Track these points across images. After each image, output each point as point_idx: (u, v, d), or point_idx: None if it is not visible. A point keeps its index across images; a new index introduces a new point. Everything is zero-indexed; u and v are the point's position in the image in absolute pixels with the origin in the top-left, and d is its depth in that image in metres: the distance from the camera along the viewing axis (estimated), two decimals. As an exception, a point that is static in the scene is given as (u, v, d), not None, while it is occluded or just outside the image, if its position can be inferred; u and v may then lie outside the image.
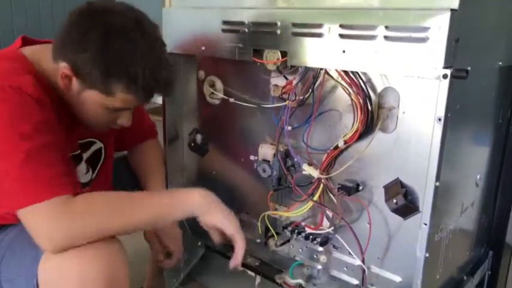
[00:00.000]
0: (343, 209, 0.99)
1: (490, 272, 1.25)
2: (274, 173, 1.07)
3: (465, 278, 1.13)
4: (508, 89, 1.09)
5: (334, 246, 1.05)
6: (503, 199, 1.18)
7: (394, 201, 0.90)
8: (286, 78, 1.00)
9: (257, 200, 1.18)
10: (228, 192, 1.24)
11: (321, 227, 1.04)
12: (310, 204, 1.01)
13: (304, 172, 1.00)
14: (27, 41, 0.97)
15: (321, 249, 1.08)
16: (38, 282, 0.83)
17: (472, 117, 0.95)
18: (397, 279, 0.96)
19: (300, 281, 1.09)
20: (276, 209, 1.12)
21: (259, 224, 1.16)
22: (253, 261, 1.22)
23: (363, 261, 0.97)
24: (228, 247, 1.04)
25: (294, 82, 0.98)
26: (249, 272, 1.20)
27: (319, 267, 1.09)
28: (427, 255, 0.87)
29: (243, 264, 1.18)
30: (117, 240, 0.86)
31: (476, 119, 0.99)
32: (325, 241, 1.05)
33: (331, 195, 1.00)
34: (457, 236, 1.03)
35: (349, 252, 1.01)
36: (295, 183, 1.03)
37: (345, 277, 1.05)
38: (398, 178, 0.92)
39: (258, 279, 1.20)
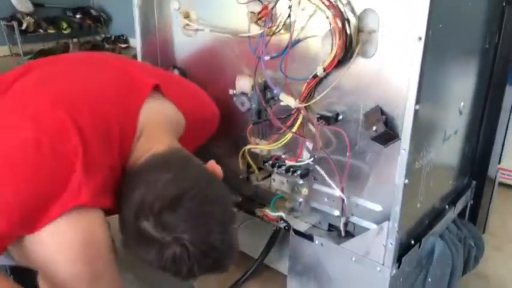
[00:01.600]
0: (323, 140, 0.97)
1: (472, 202, 1.26)
2: (253, 106, 1.04)
3: (447, 207, 1.13)
4: (496, 13, 1.04)
5: (314, 178, 1.04)
6: (487, 128, 1.16)
7: (374, 128, 0.88)
8: (262, 3, 0.94)
9: (237, 135, 1.15)
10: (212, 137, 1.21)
11: (300, 159, 1.02)
12: (289, 135, 0.99)
13: (282, 103, 0.97)
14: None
15: (301, 181, 1.07)
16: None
17: (456, 39, 0.90)
18: (377, 208, 0.95)
19: (281, 213, 1.08)
20: (256, 144, 1.10)
21: (240, 159, 1.14)
22: (236, 197, 1.21)
23: (342, 190, 0.96)
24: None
25: (270, 6, 0.92)
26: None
27: (301, 199, 1.09)
28: (406, 181, 0.85)
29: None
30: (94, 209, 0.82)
31: (461, 42, 0.95)
32: (305, 173, 1.04)
33: (311, 127, 0.98)
34: (439, 164, 1.02)
35: (329, 184, 1.00)
36: (275, 116, 1.00)
37: (326, 208, 1.04)
38: (378, 105, 0.89)
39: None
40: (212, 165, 0.92)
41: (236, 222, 0.84)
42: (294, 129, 0.98)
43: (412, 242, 0.99)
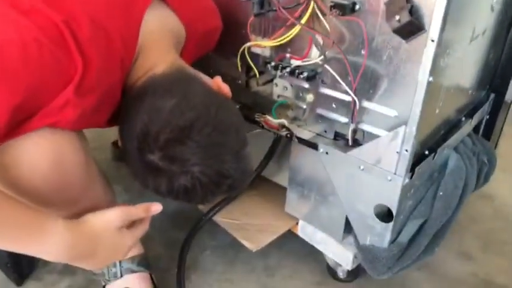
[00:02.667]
0: (335, 35, 0.85)
1: (488, 117, 1.17)
2: (256, -7, 0.90)
3: (463, 119, 1.04)
4: None
5: (322, 82, 0.93)
6: (515, 33, 1.04)
7: (397, 17, 0.75)
8: None
9: (236, 32, 1.02)
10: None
11: (307, 58, 0.91)
12: (296, 29, 0.86)
13: (290, -13, 0.83)
14: None
15: (307, 85, 0.96)
16: None
17: None
18: (392, 113, 0.85)
19: (283, 120, 0.99)
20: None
21: (238, 61, 1.02)
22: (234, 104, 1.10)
23: (354, 92, 0.85)
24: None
25: None
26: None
27: (305, 106, 0.98)
28: (431, 79, 0.75)
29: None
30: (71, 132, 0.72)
31: None
32: (312, 75, 0.93)
33: (322, 19, 0.85)
34: (462, 67, 0.91)
35: (339, 86, 0.89)
36: (280, 5, 0.87)
37: (333, 115, 0.94)
38: (403, -10, 0.76)
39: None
40: (218, 83, 0.82)
41: (248, 146, 0.76)
42: (303, 20, 0.85)
43: (426, 152, 0.91)
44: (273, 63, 0.96)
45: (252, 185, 1.16)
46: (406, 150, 0.81)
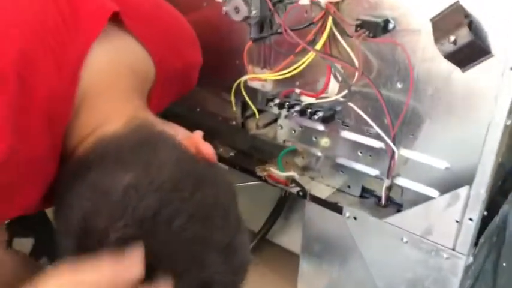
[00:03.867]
0: (361, 64, 0.63)
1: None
2: (254, 12, 0.68)
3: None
4: None
5: (343, 123, 0.71)
6: None
7: (452, 38, 0.54)
8: None
9: (228, 62, 0.80)
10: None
11: (324, 94, 0.69)
12: (307, 58, 0.65)
13: (301, 2, 0.62)
14: None
15: (322, 128, 0.74)
16: None
17: None
18: (442, 164, 0.63)
19: (292, 173, 0.76)
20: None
21: (232, 98, 0.80)
22: (227, 150, 0.88)
23: (393, 139, 0.63)
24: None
25: None
26: (222, 166, 0.87)
27: (320, 154, 0.76)
28: (509, 122, 0.53)
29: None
30: None
31: None
32: (329, 116, 0.71)
33: (342, 42, 0.63)
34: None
35: (367, 129, 0.68)
36: (287, 27, 0.65)
37: (359, 166, 0.72)
38: (458, 1, 0.55)
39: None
40: (198, 142, 0.54)
41: (243, 228, 0.52)
42: (318, 45, 0.64)
43: (485, 213, 0.68)
44: (276, 101, 0.74)
45: (255, 251, 0.92)
46: (471, 220, 0.58)
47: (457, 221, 0.60)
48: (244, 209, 0.97)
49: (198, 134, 0.55)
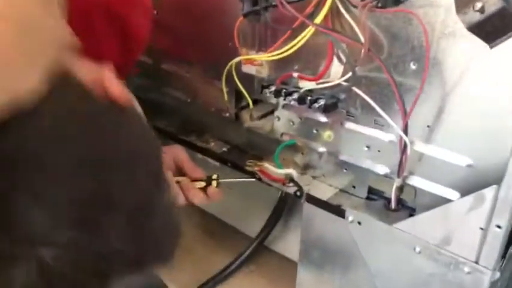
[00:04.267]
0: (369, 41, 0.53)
1: None
2: (245, -17, 0.59)
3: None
4: None
5: (348, 114, 0.62)
6: None
7: (478, 5, 0.44)
8: None
9: (221, 45, 0.72)
10: (177, 43, 0.79)
11: (324, 79, 0.60)
12: (308, 32, 0.55)
13: (297, -34, 0.53)
14: None
15: (324, 119, 0.65)
16: None
17: None
18: (463, 161, 0.53)
19: (291, 170, 0.67)
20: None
21: (224, 86, 0.71)
22: (218, 145, 0.79)
23: (405, 129, 0.53)
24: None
25: None
26: (211, 162, 0.78)
27: (321, 149, 0.67)
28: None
29: (203, 152, 0.76)
30: None
31: None
32: (332, 104, 0.61)
33: (346, 15, 0.54)
34: None
35: (377, 119, 0.58)
36: (282, -2, 0.56)
37: (366, 163, 0.63)
38: (486, -39, 0.45)
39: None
40: (105, 80, 0.40)
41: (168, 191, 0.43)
42: (318, 19, 0.54)
43: (514, 219, 0.58)
44: (273, 88, 0.65)
45: (250, 257, 0.83)
46: (499, 227, 0.48)
47: (481, 229, 0.49)
48: (237, 211, 0.89)
49: (109, 71, 0.43)
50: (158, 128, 0.84)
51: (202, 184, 0.66)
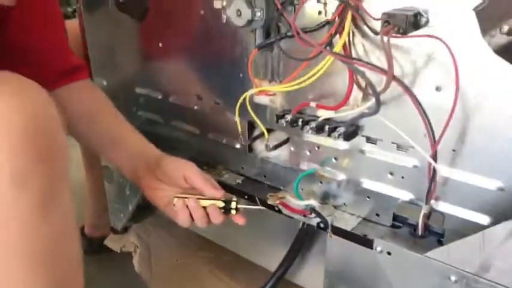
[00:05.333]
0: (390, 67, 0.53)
1: None
2: (258, 14, 0.59)
3: None
4: None
5: (368, 140, 0.61)
6: None
7: (505, 28, 0.44)
8: None
9: (232, 76, 0.71)
10: (186, 76, 0.78)
11: (345, 107, 0.58)
12: (327, 61, 0.54)
13: (313, -4, 0.52)
14: None
15: (345, 145, 0.63)
16: None
17: None
18: (493, 184, 0.52)
19: (312, 202, 0.65)
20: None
21: (237, 117, 0.69)
22: (232, 177, 0.77)
23: (434, 155, 0.52)
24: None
25: None
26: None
27: (342, 177, 0.65)
28: None
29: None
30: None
31: None
32: (352, 131, 0.60)
33: (365, 42, 0.53)
34: None
35: (401, 145, 0.57)
36: (299, 28, 0.55)
37: (390, 190, 0.61)
38: (508, -17, 0.45)
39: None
40: None
41: None
42: (337, 47, 0.53)
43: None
44: (288, 117, 0.64)
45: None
46: (541, 252, 0.47)
47: (521, 254, 0.48)
48: (255, 244, 0.86)
49: None
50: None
51: (221, 204, 0.64)
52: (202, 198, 0.64)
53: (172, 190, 0.67)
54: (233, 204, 0.64)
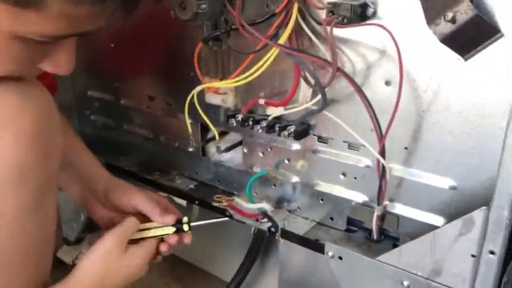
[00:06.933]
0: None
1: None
2: (203, 6, 0.55)
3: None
4: None
5: (320, 139, 0.58)
6: None
7: (449, 15, 0.42)
8: None
9: (182, 76, 0.68)
10: (137, 76, 0.75)
11: (291, 105, 0.56)
12: (272, 54, 0.52)
13: (256, -15, 0.50)
14: None
15: (296, 146, 0.60)
16: None
17: None
18: (445, 183, 0.50)
19: (264, 205, 0.62)
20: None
21: (187, 118, 0.66)
22: (185, 183, 0.74)
23: (382, 151, 0.49)
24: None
25: None
26: (178, 201, 0.72)
27: (295, 179, 0.62)
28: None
29: (168, 190, 0.70)
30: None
31: None
32: (303, 130, 0.57)
33: (310, 34, 0.51)
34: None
35: (351, 143, 0.55)
36: (243, 20, 0.52)
37: (344, 192, 0.58)
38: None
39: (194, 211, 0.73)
40: None
41: None
42: (282, 39, 0.51)
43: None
44: (239, 117, 0.61)
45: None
46: (492, 253, 0.44)
47: (473, 256, 0.45)
48: (209, 254, 0.82)
49: None
50: (120, 167, 0.78)
51: (172, 230, 0.60)
52: (152, 228, 0.60)
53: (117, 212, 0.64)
54: (185, 227, 0.60)
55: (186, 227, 0.59)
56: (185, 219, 0.60)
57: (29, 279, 0.49)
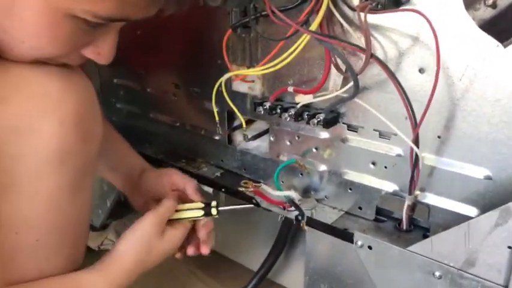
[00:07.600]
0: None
1: None
2: (232, -7, 0.55)
3: None
4: None
5: (349, 128, 0.57)
6: None
7: (490, 0, 0.41)
8: None
9: (210, 64, 0.68)
10: (164, 64, 0.75)
11: (321, 92, 0.55)
12: (303, 40, 0.51)
13: (288, -30, 0.49)
14: None
15: (325, 134, 0.60)
16: None
17: None
18: (480, 173, 0.49)
19: (291, 193, 0.61)
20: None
21: (214, 106, 0.66)
22: (211, 170, 0.74)
23: (415, 140, 0.48)
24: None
25: None
26: (205, 188, 0.72)
27: (323, 167, 0.62)
28: None
29: (194, 177, 0.70)
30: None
31: None
32: (332, 118, 0.57)
33: (342, 21, 0.50)
34: None
35: (383, 132, 0.54)
36: (273, 6, 0.52)
37: (373, 180, 0.57)
38: (494, -47, 0.42)
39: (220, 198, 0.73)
40: None
41: None
42: (313, 26, 0.50)
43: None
44: (267, 105, 0.61)
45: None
46: (530, 245, 0.43)
47: (509, 247, 0.44)
48: (235, 242, 0.83)
49: None
50: (146, 155, 0.79)
51: (201, 213, 0.61)
52: (181, 210, 0.61)
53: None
54: (214, 210, 0.60)
55: (214, 211, 0.60)
56: (213, 203, 0.61)
57: (66, 258, 0.51)
